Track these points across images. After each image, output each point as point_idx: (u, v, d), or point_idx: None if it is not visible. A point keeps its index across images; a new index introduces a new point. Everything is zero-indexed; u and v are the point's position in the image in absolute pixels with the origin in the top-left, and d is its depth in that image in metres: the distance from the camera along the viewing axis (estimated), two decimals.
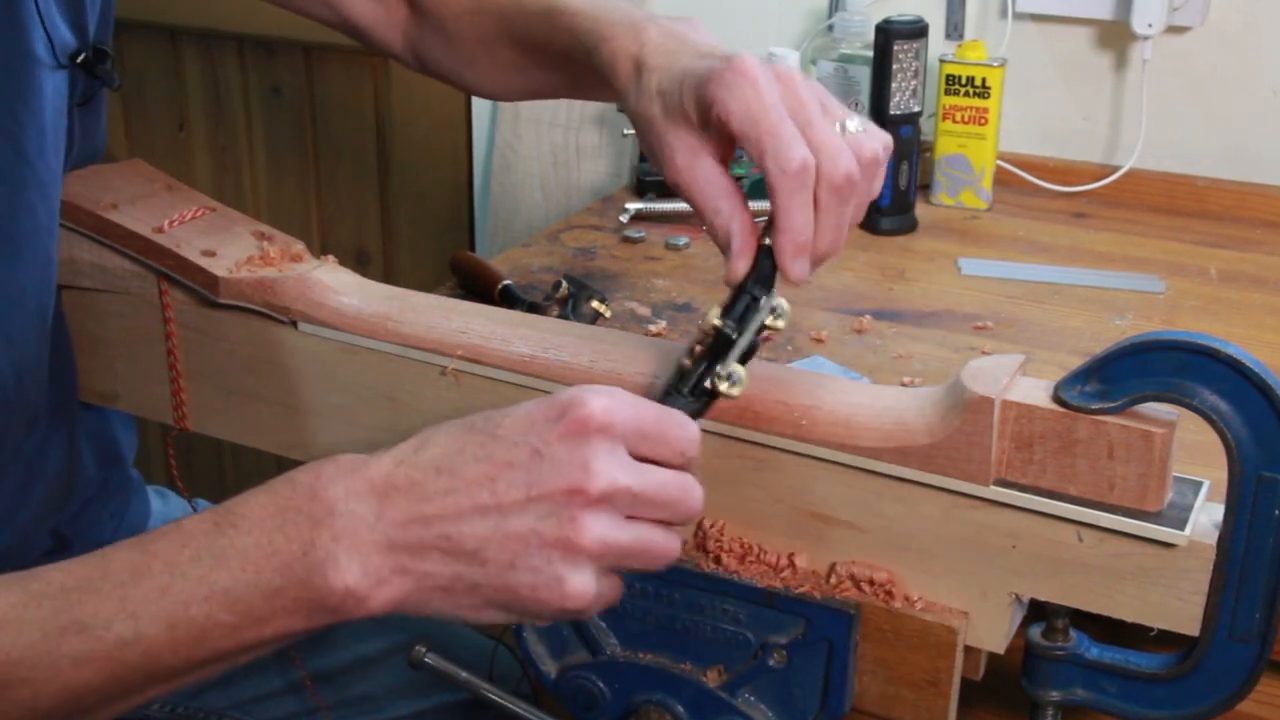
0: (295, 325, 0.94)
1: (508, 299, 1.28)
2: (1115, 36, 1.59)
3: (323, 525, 0.67)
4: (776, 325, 0.76)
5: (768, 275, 0.76)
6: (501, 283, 1.30)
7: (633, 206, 1.51)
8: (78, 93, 0.96)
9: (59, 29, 0.92)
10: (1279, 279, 1.37)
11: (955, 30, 1.65)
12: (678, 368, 0.78)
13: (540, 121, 1.83)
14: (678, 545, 0.70)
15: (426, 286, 1.13)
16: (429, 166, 2.07)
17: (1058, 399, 0.74)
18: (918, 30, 1.48)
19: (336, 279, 0.95)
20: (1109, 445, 0.73)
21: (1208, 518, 0.75)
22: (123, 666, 0.68)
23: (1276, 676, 0.86)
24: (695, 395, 0.76)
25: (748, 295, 0.76)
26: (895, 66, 1.48)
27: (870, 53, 1.52)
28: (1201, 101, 1.57)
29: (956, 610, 0.80)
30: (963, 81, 1.53)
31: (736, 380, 0.75)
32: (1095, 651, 0.80)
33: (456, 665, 0.91)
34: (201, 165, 2.25)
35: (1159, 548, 0.74)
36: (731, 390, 0.75)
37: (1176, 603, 0.75)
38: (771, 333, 0.77)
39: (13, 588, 0.70)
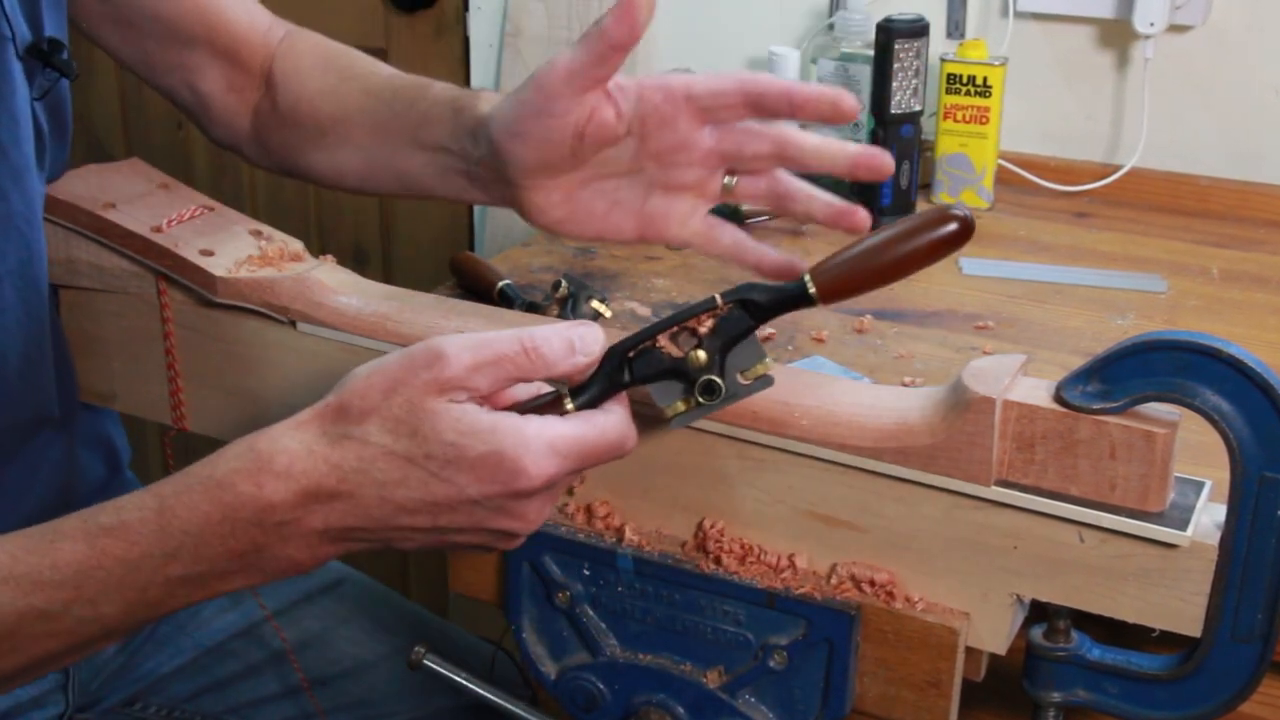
0: (294, 325, 0.94)
1: (506, 299, 1.28)
2: (1117, 35, 1.59)
3: (272, 531, 0.71)
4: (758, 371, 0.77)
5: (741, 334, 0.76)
6: (500, 283, 1.30)
7: None
8: (35, 86, 0.96)
9: (18, 19, 0.93)
10: None
11: (956, 29, 1.65)
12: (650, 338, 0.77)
13: None
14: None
15: (425, 286, 1.13)
16: None
17: (1059, 399, 0.74)
18: (919, 29, 1.48)
19: (335, 279, 0.95)
20: (1111, 445, 0.73)
21: (1210, 518, 0.75)
22: (82, 639, 0.74)
23: (1279, 678, 0.85)
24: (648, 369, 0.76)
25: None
26: (896, 65, 1.47)
27: (871, 51, 1.52)
28: (1204, 101, 1.57)
29: (958, 611, 0.80)
30: (964, 80, 1.52)
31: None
32: (1097, 652, 0.79)
33: (455, 667, 0.91)
34: (200, 164, 2.25)
35: (1161, 548, 0.74)
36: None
37: (1178, 604, 0.75)
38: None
39: None
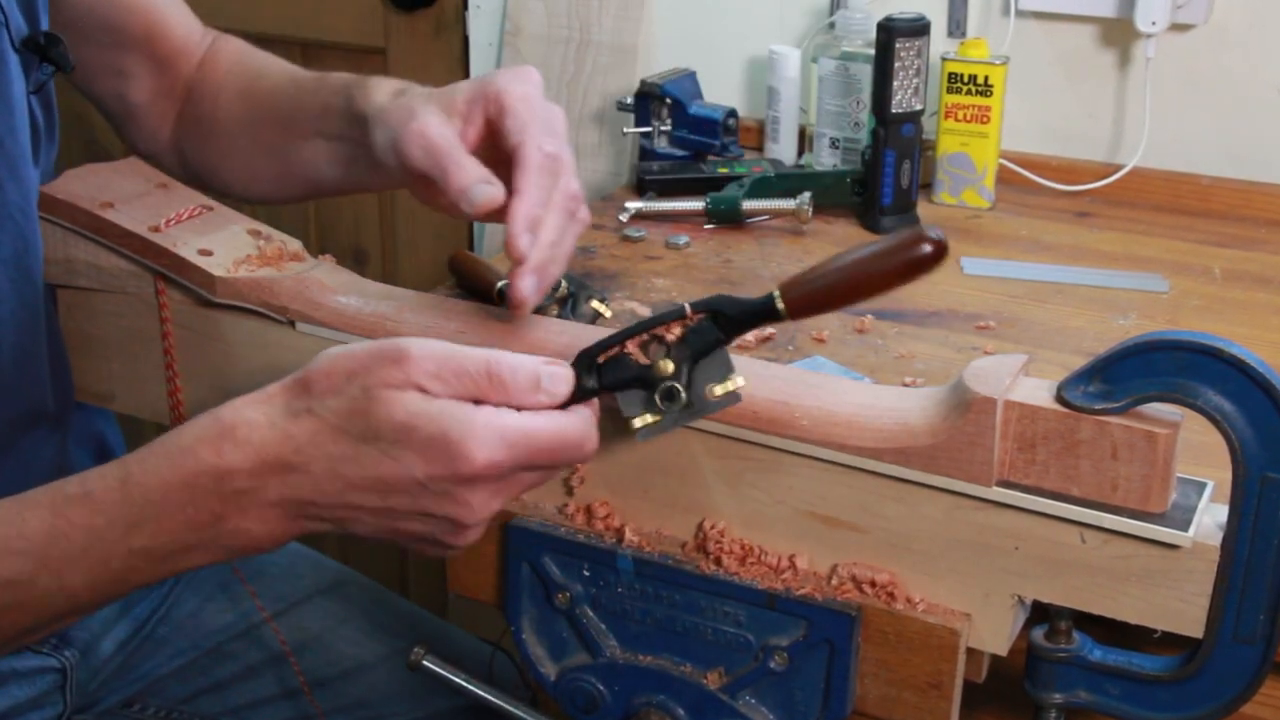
0: (293, 325, 0.94)
1: (506, 299, 1.27)
2: (1118, 34, 1.58)
3: (230, 501, 0.73)
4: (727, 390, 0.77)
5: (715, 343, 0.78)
6: (500, 283, 1.30)
7: (633, 205, 1.50)
8: (32, 79, 0.96)
9: (14, 11, 0.93)
10: None
11: (957, 28, 1.65)
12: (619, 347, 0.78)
13: None
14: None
15: (425, 286, 1.13)
16: None
17: (1061, 399, 0.74)
18: (920, 28, 1.48)
19: (334, 278, 0.95)
20: (1112, 446, 0.73)
21: (1212, 519, 0.75)
22: (49, 612, 0.77)
23: None
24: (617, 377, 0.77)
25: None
26: (897, 64, 1.47)
27: (872, 51, 1.51)
28: (1205, 100, 1.57)
29: (959, 612, 0.80)
30: (965, 79, 1.52)
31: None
32: (1098, 654, 0.79)
33: (455, 668, 0.91)
34: None
35: (1163, 549, 0.74)
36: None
37: (1180, 604, 0.74)
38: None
39: None
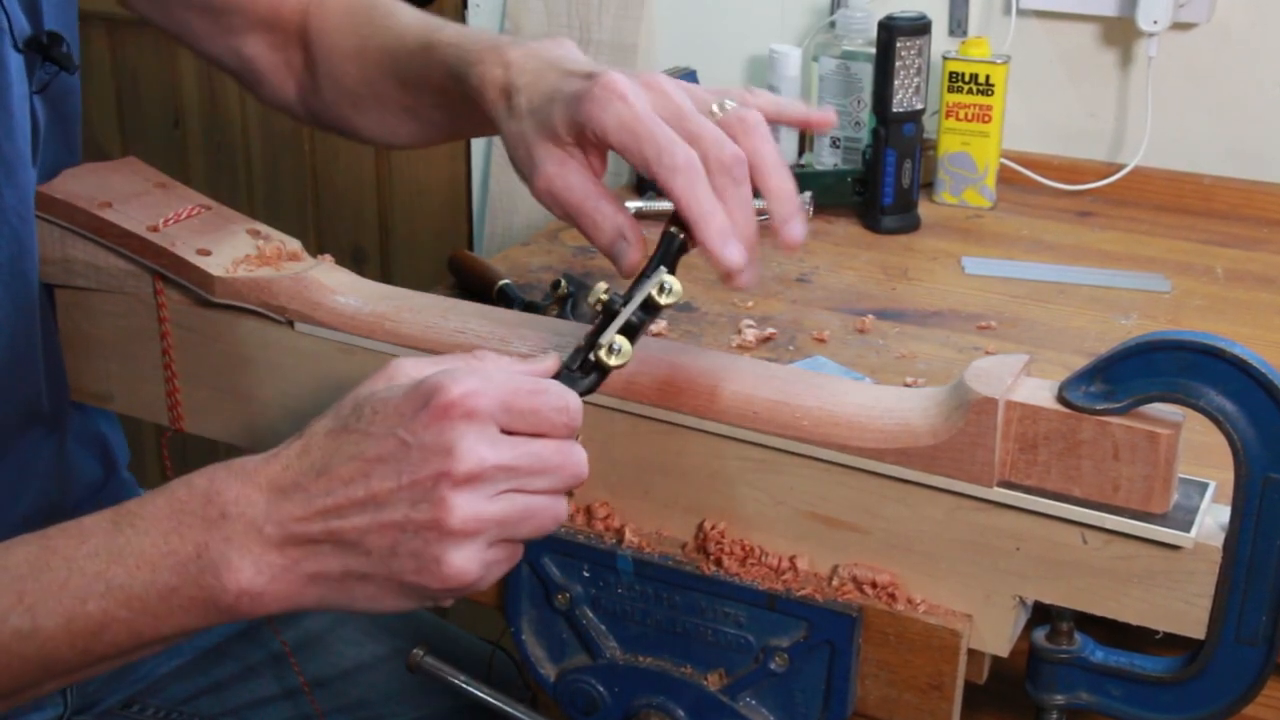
0: (292, 325, 0.93)
1: (505, 298, 1.27)
2: (1120, 33, 1.58)
3: (215, 527, 0.69)
4: (663, 301, 0.77)
5: (671, 257, 0.78)
6: (499, 282, 1.30)
7: (633, 205, 1.50)
8: (35, 80, 0.96)
9: (16, 11, 0.92)
10: None
11: (958, 27, 1.64)
12: (574, 346, 0.79)
13: None
14: (564, 508, 0.72)
15: (424, 286, 1.13)
16: (427, 164, 2.06)
17: (1062, 400, 0.74)
18: (921, 27, 1.48)
19: (333, 278, 0.95)
20: (1114, 446, 0.73)
21: (1214, 519, 0.74)
22: (18, 659, 0.70)
23: None
24: (584, 370, 0.77)
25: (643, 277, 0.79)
26: (898, 64, 1.47)
27: (873, 50, 1.51)
28: (1207, 99, 1.57)
29: (960, 613, 0.79)
30: (966, 79, 1.52)
31: (617, 350, 0.76)
32: (1100, 655, 0.79)
33: (454, 669, 0.91)
34: (196, 163, 2.24)
35: (1164, 550, 0.73)
36: (611, 360, 0.76)
37: (1182, 605, 0.74)
38: (664, 309, 0.77)
39: None
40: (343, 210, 2.16)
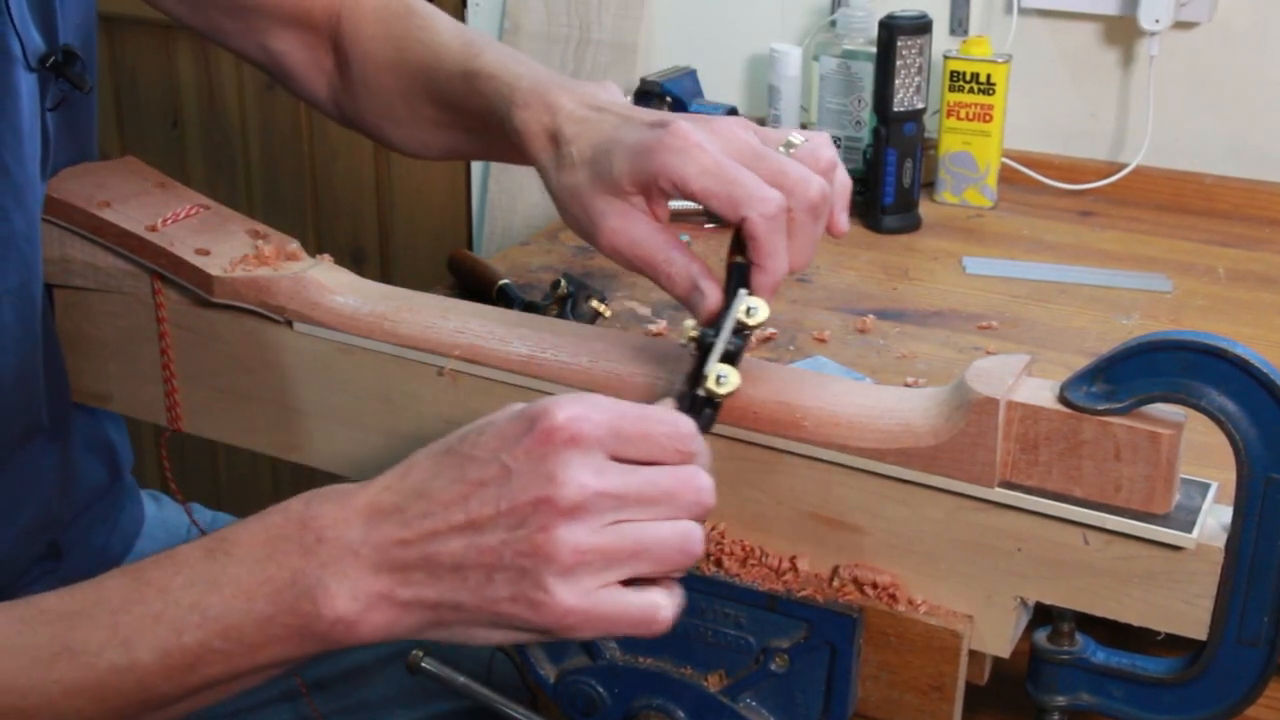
0: (290, 325, 0.93)
1: (505, 298, 1.27)
2: (1122, 32, 1.58)
3: (311, 553, 0.67)
4: (752, 322, 0.76)
5: (745, 281, 0.78)
6: (499, 282, 1.30)
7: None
8: (50, 96, 0.95)
9: (29, 31, 0.91)
10: None
11: (960, 26, 1.64)
12: (677, 392, 0.77)
13: None
14: (692, 541, 0.67)
15: (423, 286, 1.13)
16: (426, 164, 2.06)
17: (1063, 400, 0.74)
18: (921, 26, 1.47)
19: (332, 278, 0.95)
20: (1115, 447, 0.73)
21: (1215, 520, 0.74)
22: (116, 694, 0.68)
23: None
24: (695, 409, 0.75)
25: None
26: (899, 63, 1.47)
27: (873, 49, 1.51)
28: (1209, 98, 1.56)
29: (961, 614, 0.79)
30: (967, 78, 1.52)
31: (724, 379, 0.75)
32: (1101, 656, 0.79)
33: (454, 670, 0.90)
34: (195, 163, 2.24)
35: (1166, 550, 0.73)
36: (720, 389, 0.74)
37: (1184, 606, 0.74)
38: (754, 330, 0.77)
39: (7, 614, 0.70)
40: (342, 210, 2.16)
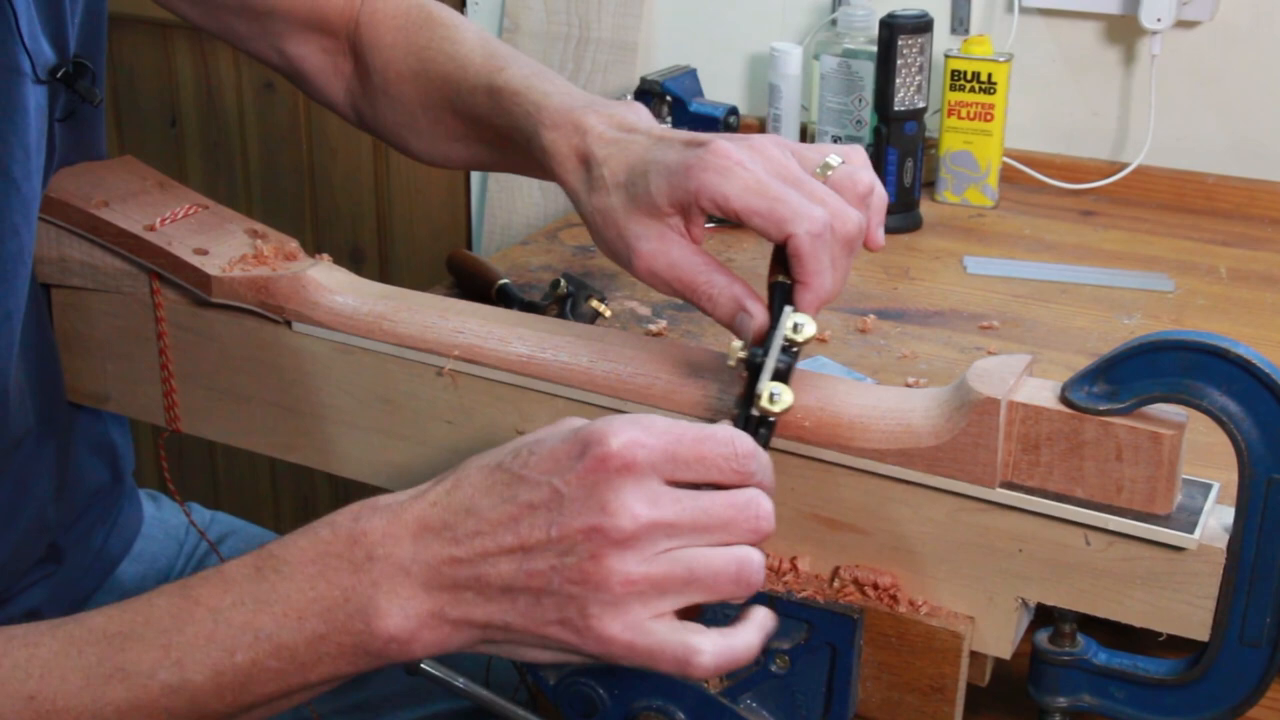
0: (289, 325, 0.93)
1: (504, 298, 1.27)
2: (1123, 31, 1.58)
3: (362, 570, 0.67)
4: (800, 339, 0.76)
5: (790, 300, 0.78)
6: (498, 282, 1.29)
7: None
8: (59, 108, 0.94)
9: (39, 43, 0.91)
10: None
11: (961, 25, 1.64)
12: (730, 416, 0.77)
13: None
14: (751, 568, 0.67)
15: (423, 285, 1.12)
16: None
17: (1065, 400, 0.73)
18: (923, 25, 1.47)
19: (331, 278, 0.94)
20: (1117, 447, 0.72)
21: (1217, 521, 0.74)
22: (167, 714, 0.68)
23: None
24: (751, 429, 0.75)
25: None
26: (900, 62, 1.46)
27: (874, 48, 1.51)
28: (1211, 97, 1.56)
29: (962, 615, 0.79)
30: (968, 77, 1.51)
31: (777, 396, 0.74)
32: (1103, 657, 0.79)
33: (454, 671, 0.90)
34: (193, 162, 2.24)
35: (1168, 551, 0.73)
36: (774, 406, 0.74)
37: (1186, 607, 0.74)
38: (803, 347, 0.76)
39: (55, 634, 0.70)
40: (341, 209, 2.16)
